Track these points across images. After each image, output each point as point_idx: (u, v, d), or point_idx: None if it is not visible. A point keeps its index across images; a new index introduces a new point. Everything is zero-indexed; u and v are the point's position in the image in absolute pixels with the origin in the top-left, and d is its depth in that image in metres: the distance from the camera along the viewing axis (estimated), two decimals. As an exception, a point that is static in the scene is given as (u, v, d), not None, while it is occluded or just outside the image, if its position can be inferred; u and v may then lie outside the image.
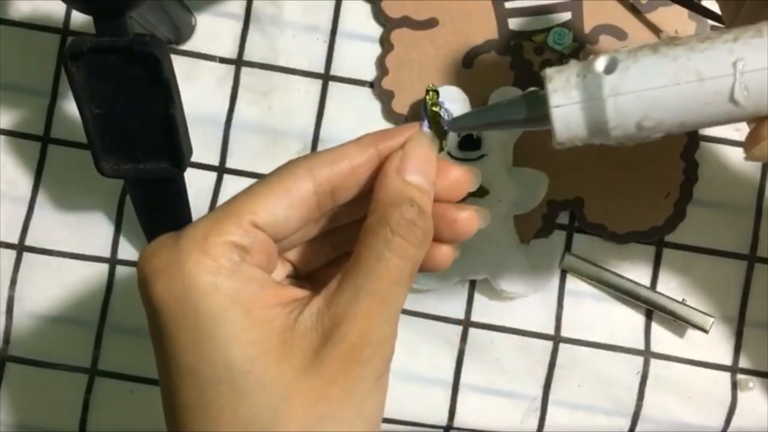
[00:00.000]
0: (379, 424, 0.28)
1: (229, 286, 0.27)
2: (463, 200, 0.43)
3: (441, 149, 0.30)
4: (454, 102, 0.44)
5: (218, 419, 0.26)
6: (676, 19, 0.46)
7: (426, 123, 0.30)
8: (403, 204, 0.28)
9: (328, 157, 0.29)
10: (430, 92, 0.30)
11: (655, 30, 0.46)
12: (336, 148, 0.29)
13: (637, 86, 0.27)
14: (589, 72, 0.28)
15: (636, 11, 0.46)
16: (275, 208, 0.28)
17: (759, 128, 0.28)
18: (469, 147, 0.43)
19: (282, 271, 0.32)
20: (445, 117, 0.30)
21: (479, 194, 0.43)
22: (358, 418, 0.27)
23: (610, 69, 0.28)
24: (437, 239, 0.30)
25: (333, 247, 0.32)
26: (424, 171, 0.29)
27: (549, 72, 0.29)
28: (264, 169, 0.47)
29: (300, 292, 0.29)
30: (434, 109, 0.30)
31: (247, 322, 0.26)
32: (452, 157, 0.44)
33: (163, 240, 0.28)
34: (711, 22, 0.46)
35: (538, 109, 0.29)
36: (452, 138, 0.44)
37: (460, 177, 0.30)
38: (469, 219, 0.30)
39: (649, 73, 0.27)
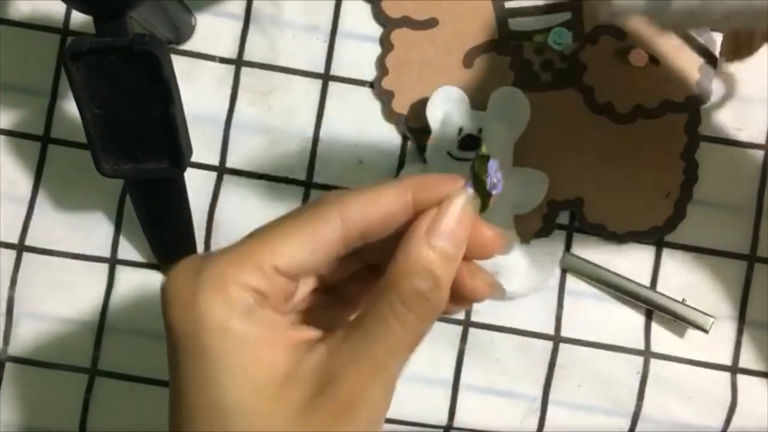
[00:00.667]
0: None
1: (239, 329, 0.27)
2: None
3: (482, 210, 0.29)
4: (454, 102, 0.44)
5: None
6: (676, 19, 0.46)
7: (470, 183, 0.29)
8: (418, 274, 0.27)
9: (361, 200, 0.28)
10: (481, 157, 0.29)
11: (654, 30, 0.46)
12: (371, 190, 0.28)
13: None
14: None
15: (636, 11, 0.46)
16: (299, 252, 0.28)
17: None
18: (469, 147, 0.43)
19: (306, 286, 0.31)
20: (493, 182, 0.28)
21: None
22: None
23: None
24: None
25: (361, 260, 0.32)
26: (455, 236, 0.27)
27: None
28: (264, 169, 0.47)
29: (308, 333, 0.29)
30: (482, 176, 0.29)
31: (249, 365, 0.27)
32: (452, 157, 0.44)
33: (187, 264, 0.28)
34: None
35: None
36: (452, 138, 0.44)
37: (491, 240, 0.29)
38: (482, 290, 0.29)
39: None
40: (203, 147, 0.46)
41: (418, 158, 0.46)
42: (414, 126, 0.46)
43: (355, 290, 0.31)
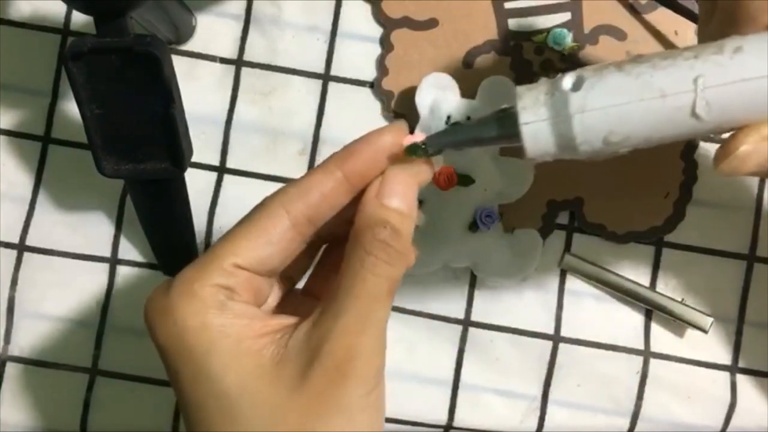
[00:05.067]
0: None
1: (218, 323, 0.29)
2: (449, 187, 0.44)
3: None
4: (443, 89, 0.44)
5: None
6: (674, 19, 0.46)
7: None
8: (377, 225, 0.29)
9: (298, 189, 0.30)
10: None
11: (654, 30, 0.46)
12: (304, 177, 0.31)
13: (602, 103, 0.28)
14: (557, 90, 0.29)
15: (635, 12, 0.46)
16: (255, 248, 0.30)
17: (730, 142, 0.29)
18: None
19: (279, 290, 0.33)
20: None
21: (465, 183, 0.44)
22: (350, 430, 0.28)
23: (576, 86, 0.29)
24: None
25: (316, 252, 0.34)
26: (403, 194, 0.30)
27: (519, 90, 0.29)
28: (264, 169, 0.47)
29: (290, 319, 0.30)
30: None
31: (237, 352, 0.29)
32: None
33: (158, 289, 0.30)
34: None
35: (509, 126, 0.29)
36: (440, 124, 0.44)
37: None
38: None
39: (614, 90, 0.28)
40: (204, 147, 0.46)
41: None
42: (400, 111, 0.46)
43: (325, 284, 0.33)
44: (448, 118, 0.44)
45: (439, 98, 0.44)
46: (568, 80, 0.29)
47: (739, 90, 0.27)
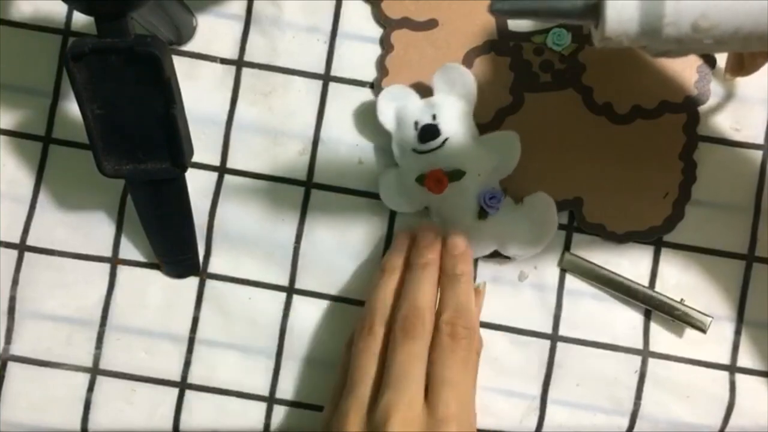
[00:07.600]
0: None
1: None
2: (442, 188, 0.44)
3: None
4: (401, 98, 0.44)
5: None
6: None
7: None
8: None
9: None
10: None
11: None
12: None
13: None
14: None
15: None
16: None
17: None
18: (429, 137, 0.43)
19: None
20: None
21: (456, 178, 0.43)
22: None
23: None
24: None
25: None
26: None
27: None
28: (264, 169, 0.47)
29: None
30: None
31: None
32: (415, 152, 0.44)
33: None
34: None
35: None
36: (411, 133, 0.44)
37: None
38: None
39: None
40: (204, 147, 0.47)
41: (390, 162, 0.46)
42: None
43: None
44: (416, 124, 0.44)
45: (400, 108, 0.44)
46: None
47: None
